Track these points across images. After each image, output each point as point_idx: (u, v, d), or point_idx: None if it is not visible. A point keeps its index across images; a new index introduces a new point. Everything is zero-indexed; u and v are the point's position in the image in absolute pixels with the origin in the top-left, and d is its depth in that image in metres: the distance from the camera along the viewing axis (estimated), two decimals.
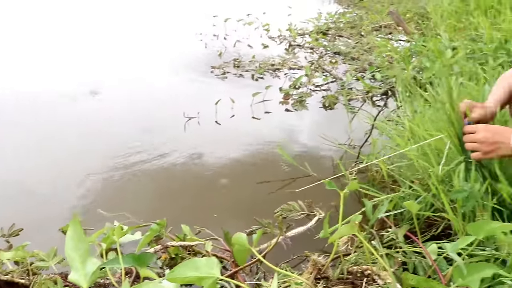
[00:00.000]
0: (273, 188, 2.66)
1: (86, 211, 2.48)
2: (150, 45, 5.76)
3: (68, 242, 1.32)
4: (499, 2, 5.17)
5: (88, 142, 3.20)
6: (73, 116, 3.58)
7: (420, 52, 4.51)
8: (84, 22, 6.84)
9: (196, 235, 2.16)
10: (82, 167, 2.88)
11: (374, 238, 1.88)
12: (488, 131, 1.62)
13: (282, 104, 3.88)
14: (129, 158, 2.98)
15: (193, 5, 7.94)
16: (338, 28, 6.58)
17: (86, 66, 4.82)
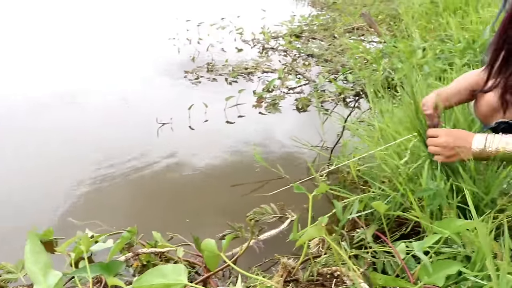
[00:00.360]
0: (246, 191, 2.66)
1: (58, 220, 2.44)
2: (123, 51, 5.72)
3: (27, 256, 1.30)
4: (466, 3, 5.27)
5: (61, 149, 3.16)
6: (46, 123, 3.53)
7: (392, 53, 4.57)
8: (57, 29, 6.76)
9: (169, 241, 2.15)
10: (54, 175, 2.84)
11: (345, 239, 1.90)
12: (450, 136, 1.65)
13: (255, 107, 3.89)
14: (101, 164, 2.95)
15: (166, 10, 7.92)
16: (311, 30, 6.63)
17: (59, 73, 4.76)
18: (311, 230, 1.49)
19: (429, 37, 4.79)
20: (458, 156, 1.64)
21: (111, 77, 4.67)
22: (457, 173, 1.76)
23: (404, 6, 6.76)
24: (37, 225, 2.35)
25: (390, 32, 6.07)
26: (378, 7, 7.89)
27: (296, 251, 2.06)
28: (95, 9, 8.40)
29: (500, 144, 1.54)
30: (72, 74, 4.75)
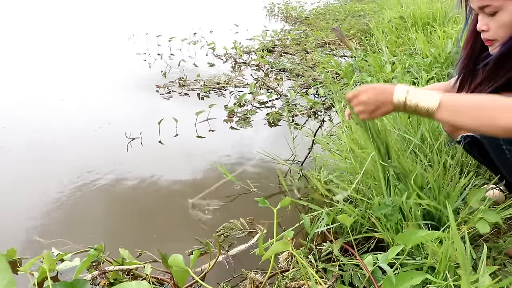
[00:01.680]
0: (215, 206, 2.65)
1: (23, 239, 2.38)
2: (93, 65, 5.67)
3: None
4: (434, 19, 5.42)
5: (26, 166, 3.10)
6: (10, 139, 3.46)
7: (362, 67, 4.65)
8: (24, 42, 6.67)
9: (137, 258, 2.12)
10: (19, 193, 2.78)
11: (312, 252, 1.90)
12: (370, 91, 1.58)
13: (226, 122, 3.89)
14: (68, 181, 2.90)
15: (136, 24, 7.90)
16: (284, 45, 6.70)
17: (25, 87, 4.68)
18: (277, 244, 1.49)
19: (398, 51, 4.90)
20: (381, 110, 1.57)
21: (80, 93, 4.62)
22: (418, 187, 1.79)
23: (375, 21, 6.90)
24: (0, 245, 2.30)
25: (361, 47, 6.18)
26: (350, 22, 8.04)
27: (265, 266, 2.06)
28: (62, 23, 8.32)
29: (420, 98, 1.52)
30: (39, 88, 4.68)
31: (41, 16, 8.86)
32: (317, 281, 1.54)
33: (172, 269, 1.70)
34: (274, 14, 10.59)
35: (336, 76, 4.91)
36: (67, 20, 8.62)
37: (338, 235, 2.13)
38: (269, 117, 3.90)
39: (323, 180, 2.46)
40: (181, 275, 1.71)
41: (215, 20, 8.49)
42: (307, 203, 2.12)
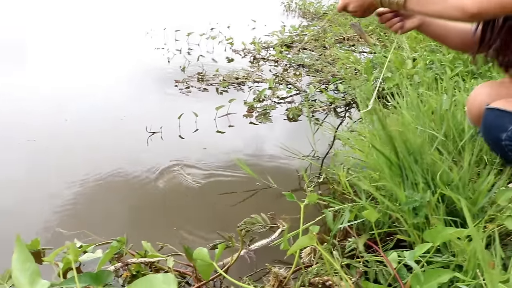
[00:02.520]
0: (235, 201, 2.65)
1: (46, 230, 2.41)
2: (112, 61, 5.70)
3: (14, 265, 1.27)
4: None
5: (49, 158, 3.13)
6: (34, 131, 3.49)
7: (382, 63, 4.61)
8: (44, 38, 6.73)
9: (159, 251, 2.13)
10: (42, 184, 2.81)
11: (336, 248, 1.89)
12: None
13: (246, 117, 3.89)
14: (90, 173, 2.92)
15: (153, 19, 7.93)
16: (302, 40, 6.66)
17: (49, 81, 4.72)
18: (302, 239, 1.48)
19: (419, 48, 4.84)
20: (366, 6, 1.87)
21: (100, 87, 4.65)
22: (444, 183, 1.77)
23: None
24: (24, 236, 2.32)
25: (381, 43, 6.12)
26: (368, 17, 7.96)
27: (287, 260, 2.05)
28: (79, 19, 8.38)
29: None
30: (61, 82, 4.72)
31: (58, 12, 8.93)
32: (342, 277, 1.53)
33: (196, 263, 1.70)
34: (292, 10, 10.54)
35: (355, 72, 4.88)
36: (84, 15, 8.68)
37: (359, 231, 2.12)
38: (288, 113, 3.89)
39: (344, 176, 2.44)
40: (205, 269, 1.71)
41: (233, 16, 8.47)
42: (331, 200, 2.11)
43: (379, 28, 7.03)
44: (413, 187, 1.95)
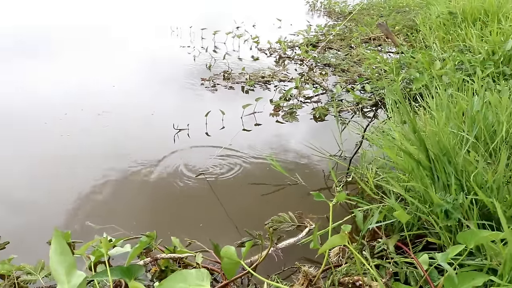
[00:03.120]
0: (262, 199, 2.65)
1: (75, 224, 2.45)
2: (139, 59, 5.75)
3: (52, 256, 1.30)
4: (486, 14, 5.24)
5: (78, 154, 3.17)
6: (65, 127, 3.55)
7: (409, 64, 4.55)
8: (73, 37, 6.83)
9: (186, 247, 2.14)
10: (71, 179, 2.85)
11: (365, 248, 1.87)
12: None
13: (272, 116, 3.88)
14: (118, 169, 2.96)
15: (180, 18, 7.97)
16: (328, 40, 6.62)
17: (79, 80, 4.79)
18: (334, 238, 1.48)
19: (447, 48, 4.77)
20: None
21: (129, 85, 4.70)
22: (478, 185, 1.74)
23: (421, 17, 6.74)
24: (52, 229, 2.36)
25: (407, 43, 6.05)
26: (394, 17, 7.88)
27: (313, 259, 2.04)
28: (108, 15, 8.49)
29: None
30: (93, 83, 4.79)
31: (87, 10, 9.06)
32: (373, 277, 1.52)
33: (222, 261, 1.71)
34: (317, 9, 10.48)
35: (382, 72, 4.83)
36: (113, 13, 8.78)
37: (387, 232, 2.10)
38: (315, 112, 3.87)
39: (372, 176, 2.42)
40: (230, 267, 1.71)
41: (258, 15, 8.46)
42: (359, 200, 2.10)
43: (405, 28, 6.95)
44: (444, 188, 1.92)
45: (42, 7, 8.98)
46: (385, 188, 2.40)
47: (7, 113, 3.82)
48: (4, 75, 4.87)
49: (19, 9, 8.74)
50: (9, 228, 2.36)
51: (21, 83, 4.61)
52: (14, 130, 3.53)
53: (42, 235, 2.30)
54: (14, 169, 2.99)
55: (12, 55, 5.67)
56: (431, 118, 2.72)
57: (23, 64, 5.29)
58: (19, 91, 4.38)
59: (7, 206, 2.61)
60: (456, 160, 1.80)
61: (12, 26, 7.30)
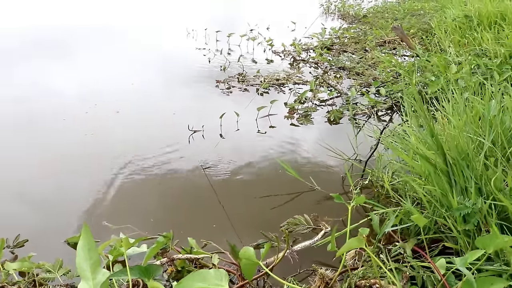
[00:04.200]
0: (276, 201, 2.65)
1: (91, 223, 2.47)
2: (155, 60, 5.80)
3: (79, 252, 1.32)
4: (502, 18, 5.20)
5: (93, 153, 3.21)
6: (81, 128, 3.60)
7: (425, 67, 4.53)
8: (87, 37, 6.90)
9: (202, 248, 2.15)
10: (86, 179, 2.88)
11: (382, 252, 1.87)
12: None
13: (287, 118, 3.89)
14: (133, 170, 2.98)
15: (195, 20, 8.01)
16: (342, 43, 6.62)
17: (93, 79, 4.85)
18: (351, 241, 1.48)
19: (463, 52, 4.74)
20: None
21: (145, 86, 4.73)
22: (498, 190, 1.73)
23: (437, 21, 6.71)
24: (69, 228, 2.39)
25: (422, 46, 6.02)
26: (409, 21, 7.85)
27: (329, 262, 2.04)
28: (125, 17, 8.56)
29: None
30: (110, 84, 4.85)
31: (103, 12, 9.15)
32: (390, 281, 1.52)
33: (241, 262, 1.71)
34: (331, 12, 10.47)
35: (397, 75, 4.81)
36: (129, 15, 8.86)
37: (403, 236, 2.10)
38: (330, 115, 3.87)
39: (388, 180, 2.42)
40: (249, 268, 1.72)
41: (272, 17, 8.48)
42: (375, 204, 2.10)
43: (420, 32, 6.92)
44: (462, 193, 1.92)
45: (60, 7, 9.10)
46: (401, 192, 2.40)
47: (26, 112, 3.89)
48: (24, 74, 4.96)
49: (37, 9, 8.86)
50: (26, 226, 2.39)
51: (40, 81, 4.70)
52: (33, 128, 3.60)
53: (58, 234, 2.33)
54: (31, 167, 3.03)
55: (32, 54, 5.77)
56: (448, 123, 2.70)
57: (42, 63, 5.38)
58: (39, 90, 4.47)
59: (24, 204, 2.64)
60: (475, 164, 1.79)
61: (30, 26, 7.41)
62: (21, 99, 4.16)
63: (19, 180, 2.88)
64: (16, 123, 3.66)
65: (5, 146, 3.30)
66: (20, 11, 8.85)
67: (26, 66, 5.25)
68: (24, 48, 6.08)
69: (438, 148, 2.03)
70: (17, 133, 3.50)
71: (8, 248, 2.21)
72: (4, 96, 4.27)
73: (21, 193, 2.74)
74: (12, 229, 2.32)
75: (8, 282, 1.74)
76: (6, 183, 2.84)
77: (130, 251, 2.11)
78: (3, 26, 7.39)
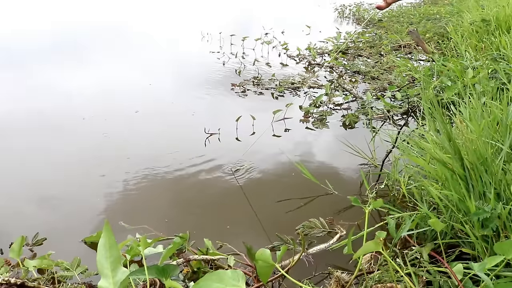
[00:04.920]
0: (292, 205, 2.66)
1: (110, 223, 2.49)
2: (170, 63, 5.85)
3: (100, 249, 1.33)
4: None
5: (110, 155, 3.24)
6: (98, 127, 3.64)
7: (441, 72, 4.51)
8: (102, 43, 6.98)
9: (218, 250, 2.16)
10: (103, 179, 2.91)
11: (398, 256, 1.87)
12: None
13: (302, 122, 3.89)
14: (149, 171, 3.00)
15: (209, 23, 8.06)
16: (357, 47, 6.61)
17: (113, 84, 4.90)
18: (368, 244, 1.48)
19: (480, 56, 4.71)
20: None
21: (161, 89, 4.78)
22: None
23: (453, 25, 6.67)
24: (85, 228, 2.42)
25: (438, 51, 5.99)
26: (425, 25, 7.81)
27: (344, 265, 2.04)
28: (141, 19, 8.64)
29: None
30: (121, 79, 4.90)
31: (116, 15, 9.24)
32: (406, 285, 1.51)
33: (257, 263, 1.72)
34: (346, 16, 10.46)
35: (412, 80, 4.80)
36: (145, 17, 8.94)
37: (418, 241, 2.09)
38: (345, 119, 3.87)
39: (405, 183, 2.41)
40: (265, 270, 1.72)
41: (286, 21, 8.50)
42: (391, 208, 2.09)
43: (436, 36, 6.89)
44: (480, 198, 1.90)
45: (78, 8, 9.21)
46: (417, 196, 2.39)
47: (45, 112, 3.95)
48: (43, 74, 5.04)
49: (55, 10, 8.98)
50: (42, 226, 2.42)
51: (58, 81, 4.79)
52: (51, 128, 3.64)
53: (74, 233, 2.36)
54: (49, 166, 3.08)
55: (51, 54, 5.87)
56: (466, 127, 2.69)
57: (60, 63, 5.46)
58: (57, 90, 4.55)
59: (40, 203, 2.68)
60: (494, 169, 1.78)
61: (50, 25, 7.53)
62: (40, 99, 4.23)
63: (38, 180, 2.91)
64: (35, 124, 3.72)
65: (24, 146, 3.33)
66: (38, 11, 8.98)
67: (46, 66, 5.33)
68: (48, 48, 6.20)
69: (456, 153, 2.02)
70: (36, 133, 3.55)
71: (27, 246, 2.25)
72: (23, 96, 4.34)
73: (37, 193, 2.78)
74: (29, 228, 2.34)
75: (29, 279, 1.76)
76: (25, 184, 2.88)
77: (146, 251, 2.12)
78: (19, 28, 7.51)
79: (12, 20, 8.23)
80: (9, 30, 7.38)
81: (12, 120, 3.77)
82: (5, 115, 3.87)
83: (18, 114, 3.90)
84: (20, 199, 2.71)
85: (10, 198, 2.72)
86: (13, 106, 4.08)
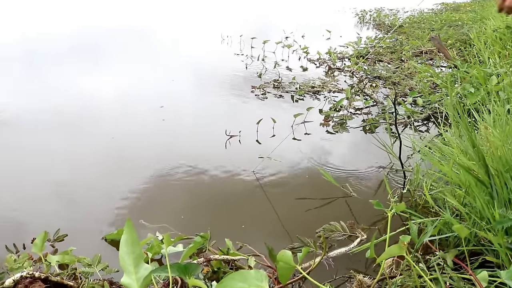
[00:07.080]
0: (312, 207, 2.65)
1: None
2: (193, 65, 5.89)
3: (122, 246, 1.34)
4: None
5: (131, 154, 3.27)
6: (120, 129, 3.68)
7: (463, 78, 4.46)
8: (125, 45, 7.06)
9: (238, 250, 2.17)
10: (124, 178, 2.94)
11: (420, 261, 1.85)
12: None
13: (322, 126, 3.88)
14: (170, 171, 3.02)
15: (229, 26, 8.11)
16: (378, 52, 6.57)
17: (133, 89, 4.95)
18: (392, 248, 1.47)
19: (504, 63, 4.65)
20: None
21: (182, 91, 4.82)
22: None
23: (476, 31, 6.60)
24: (106, 226, 2.44)
25: (460, 57, 5.93)
26: (447, 31, 7.74)
27: (364, 271, 2.03)
28: (161, 22, 8.73)
29: None
30: (143, 80, 4.95)
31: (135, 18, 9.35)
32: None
33: (278, 265, 1.71)
34: (366, 22, 10.43)
35: (434, 86, 4.75)
36: (168, 21, 9.03)
37: (440, 247, 2.06)
38: (366, 124, 3.85)
39: (428, 188, 2.39)
40: (286, 272, 1.71)
41: (307, 25, 8.50)
42: (413, 213, 2.07)
43: (458, 43, 6.82)
44: (504, 205, 1.88)
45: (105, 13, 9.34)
46: (439, 202, 2.36)
47: (66, 112, 4.01)
48: (67, 75, 5.12)
49: (75, 13, 9.11)
50: (64, 224, 2.44)
51: (83, 82, 4.89)
52: (75, 128, 3.70)
53: (94, 231, 2.39)
54: (68, 165, 3.11)
55: (72, 57, 5.95)
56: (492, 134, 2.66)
57: (82, 65, 5.53)
58: (81, 90, 4.63)
59: (60, 201, 2.71)
60: None
61: (69, 29, 7.64)
62: (64, 100, 4.30)
63: (59, 180, 2.94)
64: (59, 124, 3.78)
65: (47, 146, 3.38)
66: (67, 16, 9.13)
67: (66, 68, 5.41)
68: (68, 51, 6.29)
69: (480, 159, 2.00)
70: (58, 134, 3.60)
71: (48, 241, 2.27)
72: (45, 97, 4.41)
73: (59, 191, 2.81)
74: (50, 226, 2.37)
75: (52, 273, 1.78)
76: (47, 183, 2.91)
77: (167, 250, 2.14)
78: (40, 31, 7.65)
79: (42, 23, 8.42)
80: (37, 33, 7.54)
81: (42, 121, 3.85)
82: (38, 115, 3.96)
83: (44, 114, 3.98)
84: (41, 198, 2.75)
85: (32, 196, 2.76)
86: (41, 106, 4.17)
